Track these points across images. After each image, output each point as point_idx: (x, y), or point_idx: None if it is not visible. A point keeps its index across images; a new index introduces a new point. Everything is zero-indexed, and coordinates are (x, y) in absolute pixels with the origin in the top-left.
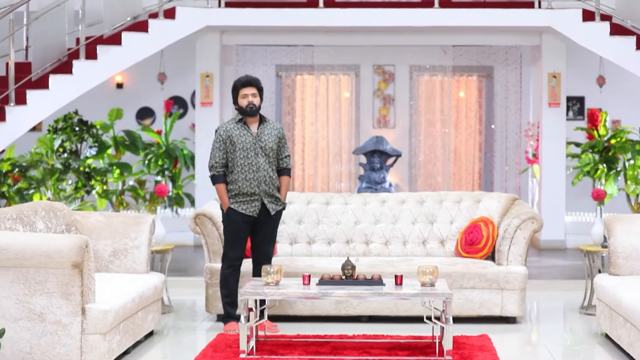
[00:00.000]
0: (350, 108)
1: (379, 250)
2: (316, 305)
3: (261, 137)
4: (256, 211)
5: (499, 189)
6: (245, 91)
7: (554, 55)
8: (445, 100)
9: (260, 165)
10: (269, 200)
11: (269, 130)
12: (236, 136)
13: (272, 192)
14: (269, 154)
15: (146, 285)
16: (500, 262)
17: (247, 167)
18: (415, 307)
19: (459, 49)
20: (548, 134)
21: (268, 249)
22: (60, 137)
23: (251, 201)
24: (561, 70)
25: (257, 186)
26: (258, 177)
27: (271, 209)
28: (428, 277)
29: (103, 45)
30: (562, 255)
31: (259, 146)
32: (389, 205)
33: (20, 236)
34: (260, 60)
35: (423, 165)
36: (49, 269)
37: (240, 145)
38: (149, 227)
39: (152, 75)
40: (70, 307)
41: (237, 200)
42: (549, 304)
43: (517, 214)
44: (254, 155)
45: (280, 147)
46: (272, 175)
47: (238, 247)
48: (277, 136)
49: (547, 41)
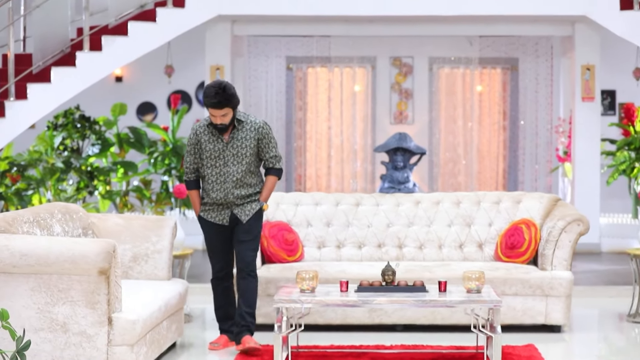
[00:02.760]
0: (366, 103)
1: (413, 254)
2: (348, 313)
3: (233, 143)
4: (226, 219)
5: (528, 188)
6: (214, 112)
7: (587, 46)
8: (467, 94)
9: (229, 174)
10: (239, 210)
11: (245, 133)
12: (204, 142)
13: (243, 202)
14: (243, 161)
15: (171, 292)
16: (544, 267)
17: (214, 177)
18: (454, 315)
19: (485, 40)
20: (581, 130)
21: (244, 251)
22: (61, 134)
23: (219, 210)
24: (595, 62)
25: (224, 197)
26: (225, 188)
27: (243, 217)
28: (474, 283)
29: (108, 36)
30: (597, 259)
31: (230, 154)
32: (424, 206)
33: (42, 241)
34: (273, 52)
35: (443, 164)
36: (73, 275)
37: (207, 153)
38: (171, 231)
39: (153, 68)
40: (96, 317)
41: (206, 208)
42: (592, 312)
43: (561, 216)
44: (223, 165)
45: (262, 147)
46: (249, 180)
47: (218, 256)
48: (255, 138)
49: (580, 31)
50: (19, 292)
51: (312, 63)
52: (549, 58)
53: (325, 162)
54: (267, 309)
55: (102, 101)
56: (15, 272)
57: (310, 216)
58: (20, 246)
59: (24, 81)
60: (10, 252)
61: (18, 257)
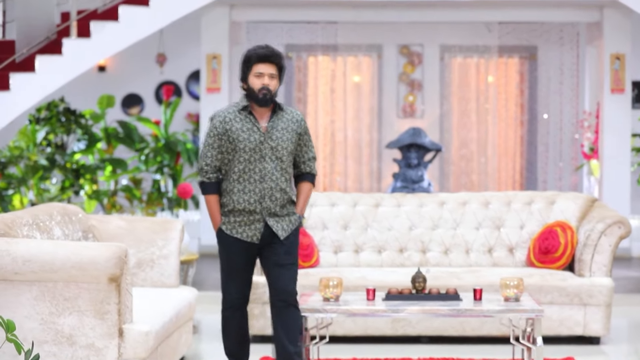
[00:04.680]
0: (372, 95)
1: (438, 259)
2: (370, 324)
3: (272, 134)
4: (257, 236)
5: (551, 188)
6: (262, 68)
7: (617, 34)
8: (482, 85)
9: (266, 172)
10: (275, 220)
11: (285, 123)
12: (237, 130)
13: (281, 211)
14: (282, 157)
15: (181, 301)
16: (582, 273)
17: (247, 175)
18: (484, 325)
19: (505, 27)
20: (610, 124)
21: (286, 278)
22: (44, 128)
23: (250, 222)
24: (626, 51)
25: (259, 201)
26: (262, 190)
27: (281, 232)
28: (512, 290)
29: (97, 21)
30: (628, 265)
31: (269, 146)
32: (449, 207)
33: (47, 245)
34: (275, 39)
35: (456, 161)
36: (81, 283)
37: (241, 144)
38: (179, 234)
39: (140, 57)
40: (105, 328)
41: (231, 219)
42: (629, 321)
43: (600, 218)
44: (259, 159)
45: (301, 145)
46: (284, 186)
47: (236, 281)
48: (297, 131)
49: (609, 17)
50: (21, 301)
51: (313, 51)
52: (575, 46)
53: (327, 159)
54: None
55: (83, 93)
56: (17, 279)
57: (326, 218)
58: (22, 251)
59: (6, 70)
60: (12, 258)
61: (20, 263)
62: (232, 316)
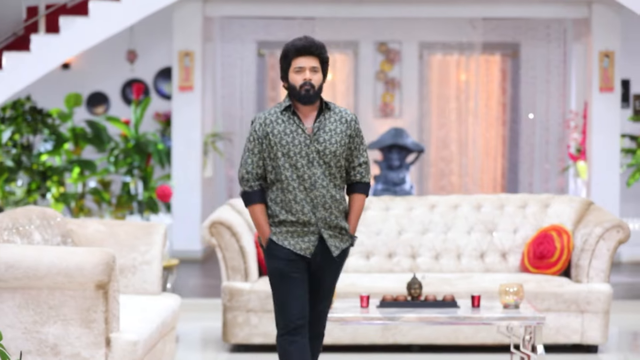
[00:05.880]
0: (347, 93)
1: (429, 265)
2: (359, 331)
3: (319, 136)
4: (310, 249)
5: (537, 190)
6: (302, 62)
7: (606, 30)
8: (462, 84)
9: (316, 178)
10: (330, 234)
11: (333, 124)
12: (279, 133)
13: (335, 222)
14: (331, 162)
15: (165, 309)
16: (579, 279)
17: (296, 182)
18: (478, 333)
19: (489, 23)
20: (599, 124)
21: (322, 305)
22: (9, 128)
23: (304, 234)
24: (615, 49)
25: (312, 211)
26: (314, 198)
27: (333, 248)
28: (512, 297)
29: (67, 16)
30: (617, 270)
31: (315, 149)
32: (440, 210)
33: (31, 250)
34: (249, 35)
35: (435, 162)
36: (67, 290)
37: (284, 148)
38: (162, 239)
39: (106, 54)
40: (92, 337)
41: (282, 229)
42: (626, 329)
43: (597, 222)
44: (307, 164)
45: (352, 149)
46: (335, 194)
47: (294, 299)
48: (347, 134)
49: (598, 13)
50: (3, 309)
51: None
52: (562, 44)
53: None
54: (267, 328)
55: (47, 91)
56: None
57: None
58: (6, 257)
59: None
60: None
61: (3, 269)
62: (292, 341)
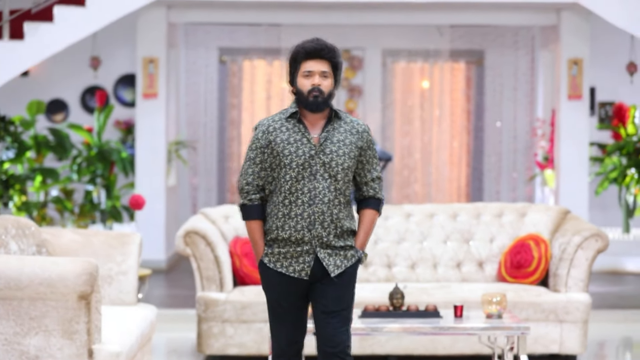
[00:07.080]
0: None
1: (405, 274)
2: None
3: (326, 147)
4: (306, 271)
5: (505, 199)
6: (311, 65)
7: (575, 38)
8: (425, 92)
9: (317, 193)
10: (328, 252)
11: (343, 135)
12: (282, 142)
13: (336, 242)
14: (337, 176)
15: (143, 320)
16: (557, 288)
17: (293, 196)
18: (457, 343)
19: (456, 30)
20: (567, 132)
21: (335, 328)
22: None
23: (297, 254)
24: (584, 56)
25: (308, 228)
26: (311, 214)
27: (332, 268)
28: (495, 307)
29: (31, 22)
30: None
31: (320, 161)
32: (415, 219)
33: (12, 260)
34: (213, 42)
35: (398, 171)
36: (48, 301)
37: (286, 159)
38: (137, 248)
39: (65, 61)
40: (74, 349)
41: (274, 250)
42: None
43: (575, 230)
44: (309, 177)
45: (364, 163)
46: (338, 211)
47: (286, 325)
48: (357, 145)
49: (567, 20)
50: None
51: (248, 55)
52: (530, 51)
53: None
54: (243, 338)
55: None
56: None
57: None
58: None
59: None
60: None
61: None
62: None
